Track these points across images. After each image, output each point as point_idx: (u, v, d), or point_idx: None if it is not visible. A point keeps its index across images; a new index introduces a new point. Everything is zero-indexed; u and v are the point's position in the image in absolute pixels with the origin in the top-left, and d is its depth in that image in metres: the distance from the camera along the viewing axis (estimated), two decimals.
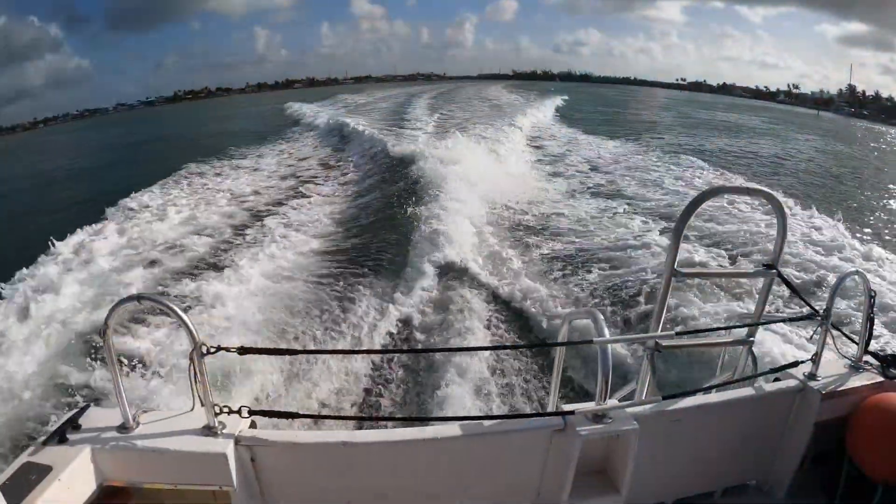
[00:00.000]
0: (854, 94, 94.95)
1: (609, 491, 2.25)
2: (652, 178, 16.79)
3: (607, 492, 2.25)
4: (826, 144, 33.24)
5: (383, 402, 6.05)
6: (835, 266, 9.00)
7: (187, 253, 10.58)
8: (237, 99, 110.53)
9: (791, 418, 2.65)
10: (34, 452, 1.93)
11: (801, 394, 2.60)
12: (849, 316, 6.78)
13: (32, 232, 13.60)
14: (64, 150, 44.65)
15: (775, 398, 2.60)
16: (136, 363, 6.19)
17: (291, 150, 24.14)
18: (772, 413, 2.63)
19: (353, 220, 12.80)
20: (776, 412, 2.64)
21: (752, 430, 2.61)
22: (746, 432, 2.61)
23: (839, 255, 9.68)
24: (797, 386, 2.61)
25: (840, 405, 2.57)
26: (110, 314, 1.94)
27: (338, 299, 8.23)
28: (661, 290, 2.35)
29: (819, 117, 66.15)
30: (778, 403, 2.62)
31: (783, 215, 2.35)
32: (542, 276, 9.01)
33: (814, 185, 18.70)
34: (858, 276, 2.65)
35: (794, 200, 13.74)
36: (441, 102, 43.06)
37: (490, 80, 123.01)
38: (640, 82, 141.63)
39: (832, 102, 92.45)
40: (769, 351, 5.86)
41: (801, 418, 2.62)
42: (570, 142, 24.72)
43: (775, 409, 2.63)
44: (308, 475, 2.20)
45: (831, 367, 2.70)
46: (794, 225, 11.27)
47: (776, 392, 2.61)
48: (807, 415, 2.59)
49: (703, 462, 2.61)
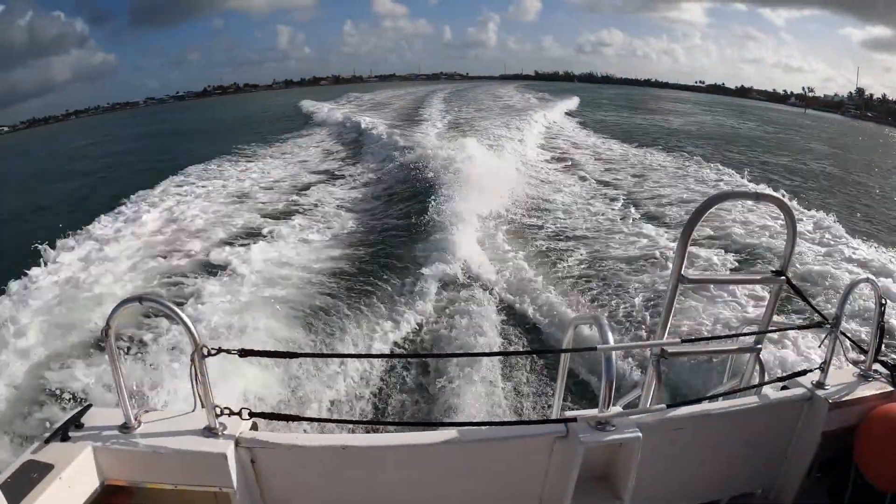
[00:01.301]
0: (862, 96, 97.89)
1: (611, 499, 2.22)
2: (661, 183, 16.69)
3: (610, 500, 2.22)
4: (785, 134, 38.44)
5: (385, 406, 6.03)
6: (845, 273, 8.91)
7: (186, 254, 10.61)
8: (264, 95, 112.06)
9: (798, 427, 2.61)
10: (36, 451, 1.94)
11: (809, 402, 2.57)
12: (859, 324, 6.69)
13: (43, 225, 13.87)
14: (99, 139, 46.90)
15: (783, 407, 2.57)
16: (137, 364, 6.21)
17: (302, 149, 24.31)
18: (779, 422, 2.60)
19: (359, 222, 12.80)
20: (783, 421, 2.60)
21: (758, 438, 2.58)
22: (753, 441, 2.58)
23: (849, 262, 9.59)
24: (805, 394, 2.58)
25: (848, 414, 2.53)
26: (112, 315, 1.95)
27: (340, 302, 8.22)
28: (668, 296, 2.32)
29: (806, 114, 74.81)
30: (785, 412, 2.58)
31: (793, 221, 2.32)
32: (548, 280, 8.95)
33: (825, 191, 18.54)
34: (869, 283, 2.62)
35: (800, 203, 13.62)
36: (455, 101, 43.43)
37: (511, 80, 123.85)
38: (660, 84, 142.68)
39: (841, 105, 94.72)
40: (777, 359, 5.81)
41: (809, 427, 2.58)
42: (581, 144, 24.69)
43: (782, 418, 2.60)
44: (308, 478, 2.19)
45: (840, 375, 2.67)
46: (805, 231, 11.17)
47: (784, 401, 2.57)
48: (814, 424, 2.56)
49: (708, 470, 2.58)
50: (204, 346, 1.96)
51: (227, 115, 57.76)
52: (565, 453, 2.11)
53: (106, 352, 2.02)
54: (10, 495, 1.67)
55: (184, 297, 8.42)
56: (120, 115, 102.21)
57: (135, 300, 2.01)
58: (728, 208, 12.02)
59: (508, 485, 2.28)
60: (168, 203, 14.55)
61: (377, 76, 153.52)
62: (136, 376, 5.84)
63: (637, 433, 2.07)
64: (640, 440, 2.07)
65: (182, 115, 70.16)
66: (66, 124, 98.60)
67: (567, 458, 2.10)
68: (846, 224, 12.04)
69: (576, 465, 2.07)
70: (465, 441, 2.12)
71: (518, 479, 2.26)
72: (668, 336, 2.38)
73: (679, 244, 2.27)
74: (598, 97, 65.11)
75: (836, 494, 2.64)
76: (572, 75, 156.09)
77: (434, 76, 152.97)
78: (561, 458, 2.14)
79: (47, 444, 1.97)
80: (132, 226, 12.33)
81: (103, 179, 23.34)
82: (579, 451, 2.04)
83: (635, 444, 2.08)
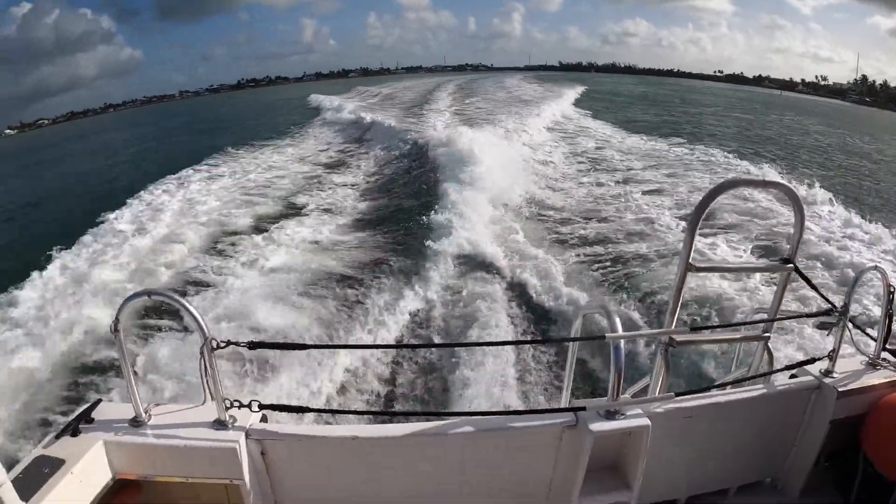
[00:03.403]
0: (865, 83, 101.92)
1: (621, 487, 2.22)
2: (670, 171, 16.57)
3: (619, 488, 2.22)
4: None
5: (393, 396, 6.07)
6: (854, 261, 8.84)
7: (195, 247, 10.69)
8: (296, 87, 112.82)
9: (807, 416, 2.60)
10: (47, 446, 1.96)
11: (818, 391, 2.56)
12: (868, 312, 6.64)
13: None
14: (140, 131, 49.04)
15: (791, 395, 2.55)
16: (147, 358, 6.26)
17: (313, 141, 24.57)
18: (787, 410, 2.59)
19: (369, 212, 12.83)
20: (792, 410, 2.59)
21: (766, 427, 2.57)
22: (761, 430, 2.57)
23: (858, 249, 9.51)
24: (813, 383, 2.56)
25: (856, 403, 2.52)
26: (121, 310, 1.96)
27: (349, 294, 8.24)
28: (676, 284, 2.30)
29: (781, 96, 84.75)
30: (793, 401, 2.57)
31: (801, 209, 2.29)
32: (557, 269, 8.94)
33: (834, 178, 18.38)
34: (878, 271, 2.59)
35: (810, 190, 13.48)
36: (466, 91, 43.42)
37: (537, 70, 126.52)
38: (681, 74, 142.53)
39: (844, 92, 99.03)
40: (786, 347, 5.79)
41: (817, 416, 2.57)
42: (593, 134, 24.54)
43: (791, 407, 2.58)
44: (318, 469, 2.20)
45: (848, 364, 2.64)
46: (813, 218, 11.05)
47: (792, 389, 2.56)
48: (823, 412, 2.54)
49: (716, 459, 2.58)
50: (213, 339, 1.96)
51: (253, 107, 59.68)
52: (575, 442, 2.11)
53: (115, 346, 2.03)
54: (22, 490, 1.68)
55: (193, 289, 8.48)
56: (156, 107, 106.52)
57: (143, 294, 2.01)
58: (738, 195, 11.91)
59: (518, 473, 2.28)
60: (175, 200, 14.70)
61: (404, 68, 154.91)
62: (147, 370, 5.89)
63: (646, 422, 2.07)
64: (648, 429, 2.07)
65: (222, 106, 72.00)
66: (105, 117, 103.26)
67: (576, 447, 2.11)
68: (865, 214, 11.88)
69: (585, 453, 2.07)
70: (474, 430, 2.12)
71: (528, 467, 2.26)
72: (676, 324, 2.37)
73: (687, 232, 2.25)
74: (616, 87, 67.05)
75: (844, 483, 2.63)
76: (591, 66, 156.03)
77: (460, 67, 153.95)
78: (570, 446, 2.14)
79: (58, 439, 1.99)
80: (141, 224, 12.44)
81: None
82: (588, 440, 2.04)
83: (644, 433, 2.08)
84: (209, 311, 7.46)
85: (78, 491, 1.89)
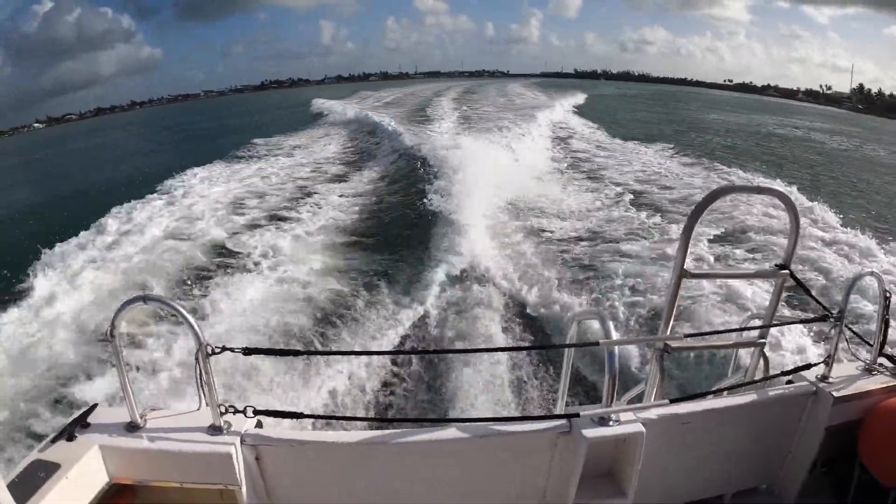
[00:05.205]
0: (863, 92, 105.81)
1: (615, 494, 2.22)
2: (663, 178, 16.64)
3: (614, 495, 2.22)
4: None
5: (388, 402, 6.06)
6: (849, 266, 8.87)
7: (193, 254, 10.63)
8: (317, 89, 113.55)
9: (802, 422, 2.61)
10: (43, 450, 1.95)
11: (814, 397, 2.56)
12: (864, 318, 6.66)
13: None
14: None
15: (787, 401, 2.56)
16: (143, 363, 6.24)
17: (314, 144, 24.67)
18: (783, 416, 2.59)
19: (366, 218, 12.81)
20: (787, 415, 2.59)
21: (762, 433, 2.58)
22: (757, 436, 2.57)
23: (853, 256, 9.54)
24: (809, 389, 2.57)
25: (853, 409, 2.52)
26: (117, 315, 1.96)
27: (345, 300, 8.24)
28: (670, 290, 2.30)
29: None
30: (789, 407, 2.58)
31: (796, 215, 2.30)
32: (552, 275, 8.95)
33: (829, 183, 18.46)
34: (874, 276, 2.60)
35: (805, 197, 13.52)
36: (470, 98, 43.61)
37: (553, 77, 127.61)
38: (693, 83, 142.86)
39: (842, 100, 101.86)
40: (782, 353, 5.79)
41: (813, 422, 2.57)
42: (588, 139, 24.68)
43: (787, 413, 2.59)
44: (313, 475, 2.20)
45: (844, 370, 2.65)
46: (808, 224, 11.09)
47: (788, 395, 2.56)
48: (818, 418, 2.55)
49: (712, 465, 2.58)
50: (208, 345, 1.97)
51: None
52: (569, 448, 2.12)
53: (111, 351, 2.03)
54: (17, 495, 1.68)
55: (188, 294, 8.46)
56: (181, 106, 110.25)
57: (139, 300, 2.02)
58: (731, 202, 11.97)
59: (512, 480, 2.28)
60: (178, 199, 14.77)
61: (422, 73, 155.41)
62: (142, 375, 5.87)
63: (640, 428, 2.08)
64: (643, 435, 2.07)
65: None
66: (130, 113, 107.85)
67: (570, 453, 2.11)
68: (859, 220, 11.96)
69: (579, 460, 2.07)
70: (468, 437, 2.12)
71: (522, 474, 2.26)
72: (671, 331, 2.38)
73: (681, 239, 2.25)
74: (625, 94, 69.49)
75: (840, 489, 2.63)
76: (602, 73, 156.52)
77: (477, 73, 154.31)
78: (564, 453, 2.14)
79: (54, 443, 1.98)
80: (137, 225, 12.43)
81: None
82: (583, 446, 2.05)
83: (639, 440, 2.08)
84: (204, 317, 7.46)
85: (73, 495, 1.88)
